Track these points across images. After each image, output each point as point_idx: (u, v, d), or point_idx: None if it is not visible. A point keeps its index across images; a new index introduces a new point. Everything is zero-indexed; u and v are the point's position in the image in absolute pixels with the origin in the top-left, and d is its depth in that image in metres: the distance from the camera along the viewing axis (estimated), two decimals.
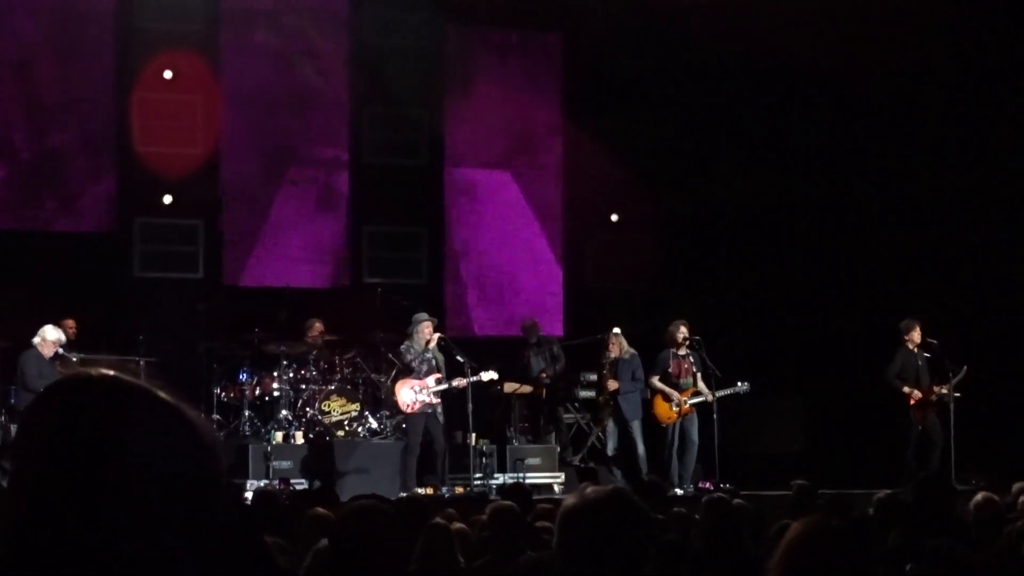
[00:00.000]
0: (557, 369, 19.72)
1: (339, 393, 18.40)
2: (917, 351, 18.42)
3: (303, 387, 18.38)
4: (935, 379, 18.30)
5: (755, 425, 20.00)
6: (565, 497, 4.62)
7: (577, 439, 20.42)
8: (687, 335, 18.35)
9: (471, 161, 22.56)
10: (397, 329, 18.79)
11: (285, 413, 18.18)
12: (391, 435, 18.43)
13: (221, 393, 18.41)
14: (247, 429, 18.15)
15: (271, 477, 17.05)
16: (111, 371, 1.81)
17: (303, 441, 17.97)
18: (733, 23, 20.69)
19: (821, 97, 21.06)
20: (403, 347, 17.81)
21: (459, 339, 18.22)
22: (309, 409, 18.24)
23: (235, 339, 18.68)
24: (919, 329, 18.39)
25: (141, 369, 16.45)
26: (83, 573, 1.69)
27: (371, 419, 18.43)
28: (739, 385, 18.42)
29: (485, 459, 18.42)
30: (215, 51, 21.04)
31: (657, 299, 20.83)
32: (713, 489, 16.71)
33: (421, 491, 16.89)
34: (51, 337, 16.88)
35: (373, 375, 18.88)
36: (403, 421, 18.20)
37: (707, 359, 18.32)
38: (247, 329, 18.62)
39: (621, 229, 22.71)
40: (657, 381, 18.38)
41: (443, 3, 21.91)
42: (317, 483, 16.87)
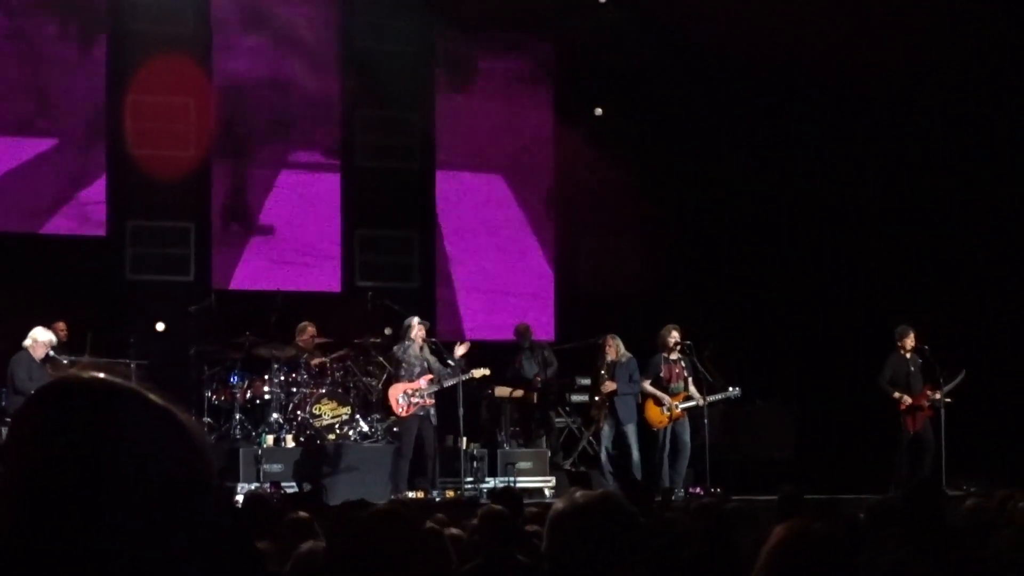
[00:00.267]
0: (549, 374, 19.72)
1: (330, 396, 18.38)
2: (910, 357, 18.42)
3: (294, 390, 18.37)
4: (928, 384, 18.31)
5: (746, 430, 20.00)
6: (554, 501, 4.61)
7: (568, 443, 20.42)
8: (679, 340, 18.34)
9: (463, 165, 22.56)
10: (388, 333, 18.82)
11: (276, 416, 18.16)
12: (382, 439, 18.43)
13: (212, 396, 18.39)
14: (238, 432, 18.13)
15: (262, 480, 17.04)
16: (101, 374, 1.81)
17: (294, 444, 17.96)
18: (726, 28, 20.71)
19: (814, 102, 21.07)
20: (396, 348, 17.82)
21: (450, 343, 18.20)
22: (300, 412, 18.22)
23: (226, 342, 18.66)
24: (912, 335, 18.40)
25: (132, 372, 16.46)
26: None
27: (362, 422, 18.42)
28: (730, 390, 18.42)
29: (476, 463, 18.42)
30: (207, 54, 21.03)
31: (649, 304, 20.82)
32: (703, 495, 16.70)
33: (412, 494, 16.90)
34: (42, 339, 16.85)
35: (364, 379, 18.88)
36: (395, 424, 18.20)
37: (698, 364, 18.33)
38: (238, 332, 18.60)
39: (613, 233, 22.71)
40: (648, 385, 18.38)
41: (435, 7, 21.92)
42: (307, 486, 16.89)
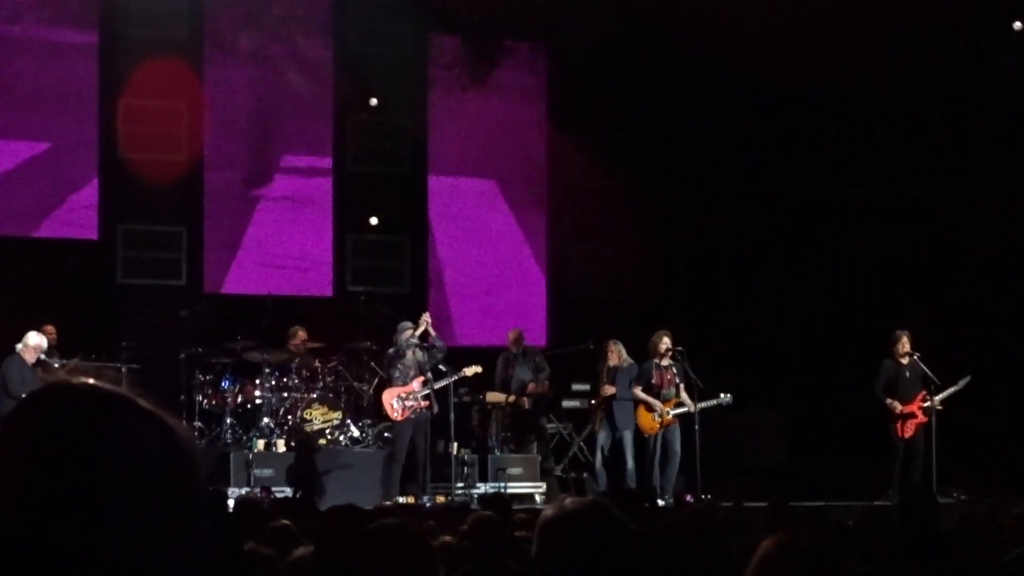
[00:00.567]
0: (541, 380, 19.72)
1: (321, 401, 18.38)
2: (906, 363, 18.42)
3: (285, 395, 18.36)
4: (922, 391, 18.29)
5: (737, 437, 20.00)
6: (544, 507, 4.62)
7: (559, 449, 20.42)
8: (670, 346, 18.35)
9: (455, 170, 22.57)
10: (380, 338, 18.81)
11: (267, 421, 18.15)
12: (373, 444, 18.44)
13: (203, 400, 18.37)
14: (229, 437, 18.12)
15: (252, 485, 17.03)
16: (91, 379, 1.81)
17: (285, 449, 17.95)
18: (718, 34, 20.71)
19: (806, 108, 21.09)
20: (389, 352, 17.85)
21: (431, 346, 18.22)
22: (291, 417, 18.22)
23: (217, 346, 18.65)
24: (906, 341, 18.39)
25: (123, 376, 16.46)
26: None
27: (353, 428, 18.42)
28: (722, 397, 18.42)
29: (467, 468, 18.43)
30: (200, 58, 21.03)
31: (641, 309, 20.83)
32: (694, 502, 16.71)
33: (402, 500, 16.91)
34: (33, 343, 16.85)
35: (355, 383, 18.87)
36: (387, 429, 18.22)
37: (690, 370, 18.32)
38: (229, 336, 18.58)
39: (605, 240, 22.71)
40: (640, 391, 18.39)
41: (427, 12, 21.92)
42: (299, 491, 16.89)
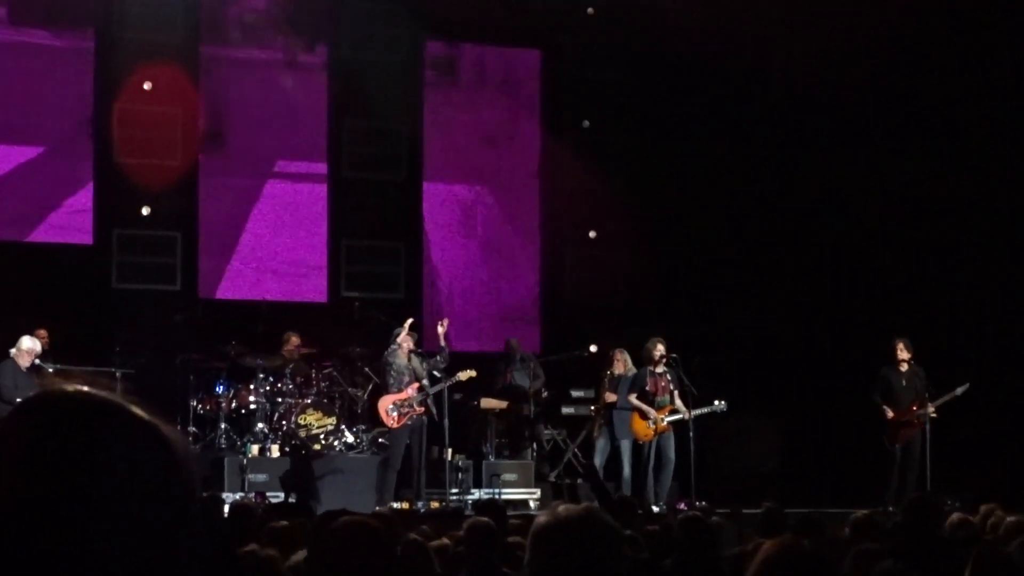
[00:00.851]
0: (538, 386, 19.74)
1: (315, 407, 18.38)
2: (905, 370, 18.42)
3: (279, 400, 18.36)
4: (918, 399, 18.29)
5: (731, 444, 19.99)
6: (538, 514, 4.62)
7: (553, 455, 20.41)
8: (664, 353, 18.34)
9: (450, 175, 22.57)
10: (374, 343, 18.81)
11: (261, 426, 18.16)
12: (367, 449, 18.44)
13: (197, 405, 18.37)
14: (223, 442, 18.12)
15: (247, 490, 17.03)
16: (85, 387, 1.81)
17: (279, 454, 17.95)
18: (713, 38, 20.73)
19: (802, 113, 21.09)
20: (384, 356, 17.85)
21: (435, 354, 18.22)
22: (285, 422, 18.21)
23: (212, 351, 18.65)
24: (902, 348, 18.40)
25: (117, 381, 16.46)
26: None
27: (347, 433, 18.42)
28: (716, 404, 18.41)
29: (461, 474, 18.43)
30: (195, 63, 21.03)
31: (635, 316, 20.83)
32: (688, 509, 16.71)
33: (397, 505, 16.90)
34: (26, 347, 16.85)
35: (350, 389, 18.88)
36: (382, 435, 18.22)
37: (684, 377, 18.32)
38: (224, 341, 18.59)
39: (600, 245, 22.72)
40: (634, 398, 18.38)
41: (422, 17, 21.92)
42: (292, 497, 16.89)
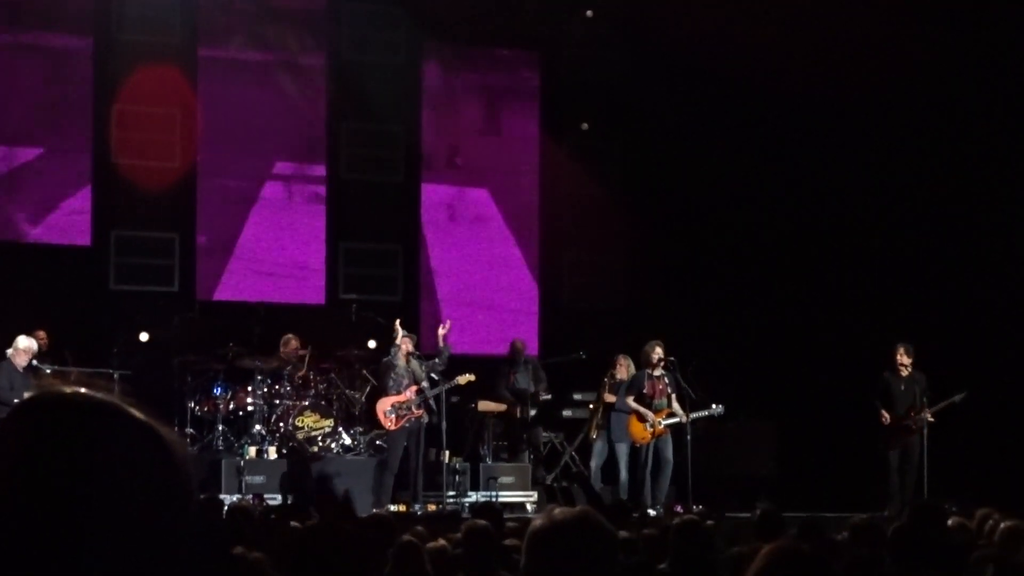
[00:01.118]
0: (540, 389, 19.75)
1: (313, 409, 18.37)
2: (906, 375, 18.42)
3: (277, 402, 18.36)
4: (917, 405, 18.29)
5: (728, 448, 19.99)
6: (534, 517, 4.63)
7: (550, 458, 20.41)
8: (662, 356, 18.34)
9: (448, 178, 22.58)
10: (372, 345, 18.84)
11: (259, 428, 18.15)
12: (364, 451, 18.44)
13: (195, 407, 18.37)
14: (220, 443, 18.12)
15: (244, 492, 17.02)
16: (83, 388, 1.81)
17: (276, 456, 17.95)
18: (711, 42, 20.75)
19: (801, 116, 21.09)
20: (384, 360, 17.87)
21: (434, 356, 18.24)
22: (283, 424, 18.21)
23: (209, 353, 18.64)
24: (902, 353, 18.41)
25: (115, 382, 16.45)
26: None
27: (345, 435, 18.42)
28: (713, 407, 18.40)
29: (458, 477, 18.43)
30: (194, 65, 21.03)
31: (633, 319, 20.84)
32: (684, 512, 16.71)
33: (394, 508, 16.91)
34: (23, 346, 16.83)
35: (347, 391, 18.87)
36: (379, 437, 18.23)
37: (682, 380, 18.32)
38: (222, 343, 18.59)
39: (598, 248, 22.72)
40: (632, 401, 18.38)
41: (421, 20, 21.93)
42: (290, 498, 16.89)
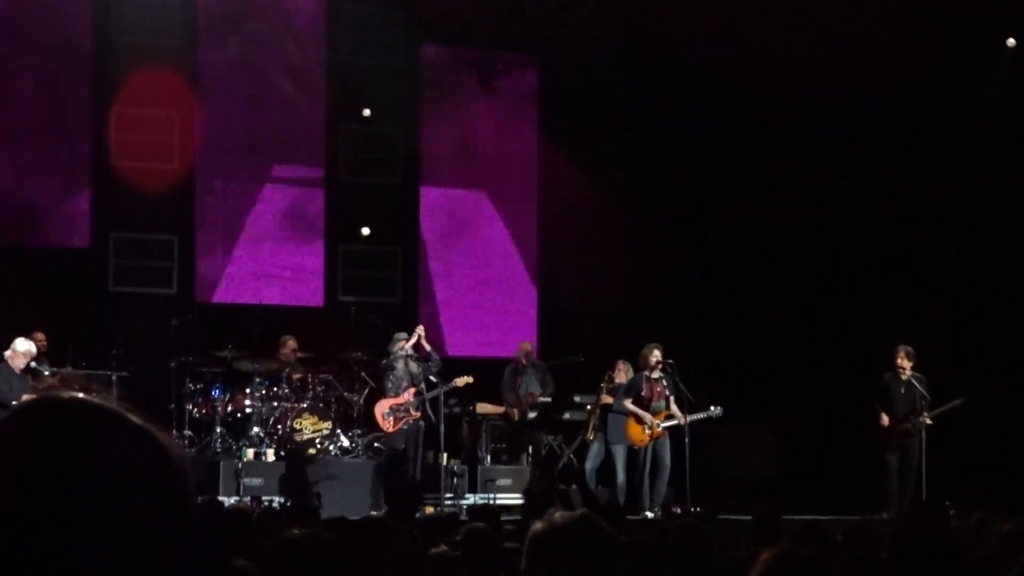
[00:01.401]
0: (549, 393, 19.76)
1: (311, 411, 18.37)
2: (906, 377, 18.43)
3: (275, 404, 18.36)
4: (916, 408, 18.28)
5: (725, 451, 20.00)
6: (533, 520, 4.62)
7: (548, 461, 20.40)
8: (660, 358, 18.35)
9: (447, 180, 22.58)
10: (370, 348, 18.82)
11: (257, 430, 18.15)
12: (363, 454, 18.44)
13: (193, 409, 18.37)
14: (218, 445, 18.11)
15: (242, 494, 17.02)
16: (81, 393, 1.81)
17: (274, 458, 17.94)
18: (710, 47, 20.76)
19: (801, 120, 21.11)
20: (383, 363, 17.88)
21: (427, 358, 18.24)
22: (281, 426, 18.21)
23: (208, 355, 18.64)
24: (904, 355, 18.41)
25: (113, 384, 16.46)
26: None
27: (343, 437, 18.42)
28: (712, 409, 18.41)
29: (456, 479, 18.43)
30: (192, 67, 21.04)
31: (631, 322, 20.85)
32: (682, 513, 16.72)
33: None
34: (21, 349, 16.82)
35: (346, 393, 18.87)
36: (377, 439, 18.23)
37: (680, 383, 18.33)
38: (220, 345, 18.59)
39: (596, 251, 22.73)
40: (630, 404, 18.39)
41: (419, 22, 21.94)
42: (288, 501, 16.89)
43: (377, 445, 18.34)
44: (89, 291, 20.11)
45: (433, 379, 17.92)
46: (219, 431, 18.22)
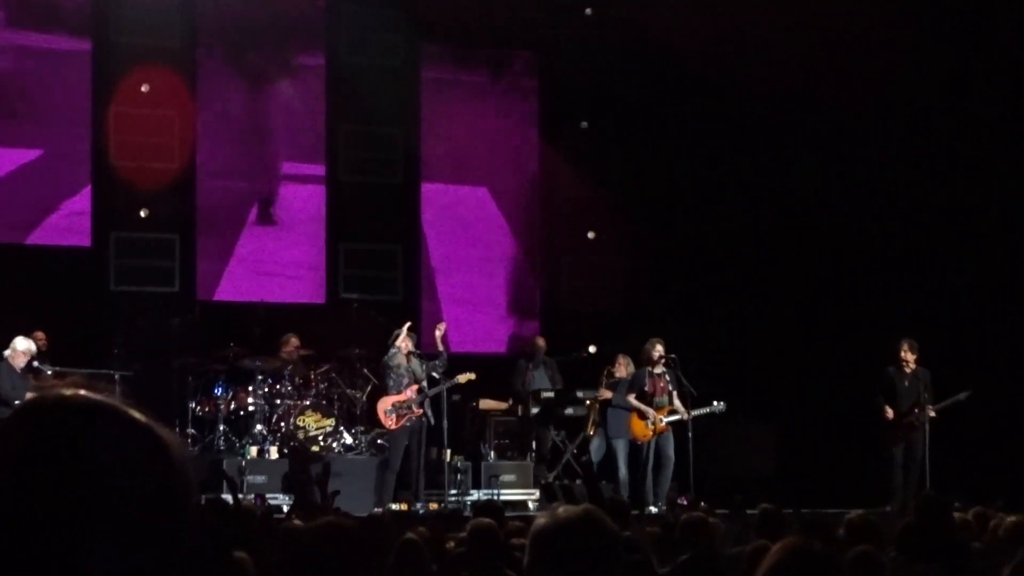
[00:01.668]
0: (557, 387, 19.76)
1: (314, 408, 18.38)
2: (910, 371, 18.42)
3: (278, 402, 18.36)
4: (918, 402, 18.28)
5: (727, 447, 19.98)
6: (536, 514, 4.62)
7: (551, 456, 20.40)
8: (663, 353, 18.34)
9: (447, 178, 22.57)
10: (372, 345, 18.82)
11: (260, 428, 18.15)
12: (366, 451, 18.44)
13: (196, 407, 18.37)
14: (222, 443, 18.11)
15: (246, 492, 17.02)
16: (82, 390, 1.81)
17: (278, 456, 17.95)
18: (709, 43, 20.75)
19: (801, 113, 21.07)
20: (384, 359, 17.87)
21: (434, 358, 18.23)
22: (284, 424, 18.21)
23: (210, 354, 18.65)
24: (906, 349, 18.40)
25: (116, 383, 16.45)
26: None
27: (346, 434, 18.42)
28: (715, 404, 18.40)
29: (460, 475, 18.43)
30: (192, 66, 21.02)
31: (633, 318, 20.83)
32: (689, 504, 16.72)
33: (395, 507, 16.91)
34: (21, 348, 16.83)
35: (348, 391, 18.87)
36: (380, 437, 18.23)
37: (683, 378, 18.32)
38: (222, 344, 18.59)
39: (598, 247, 22.72)
40: (633, 399, 18.38)
41: (418, 21, 21.92)
42: (291, 498, 16.92)
43: (380, 442, 18.34)
44: (91, 290, 20.10)
45: (436, 375, 17.91)
46: (222, 429, 18.22)
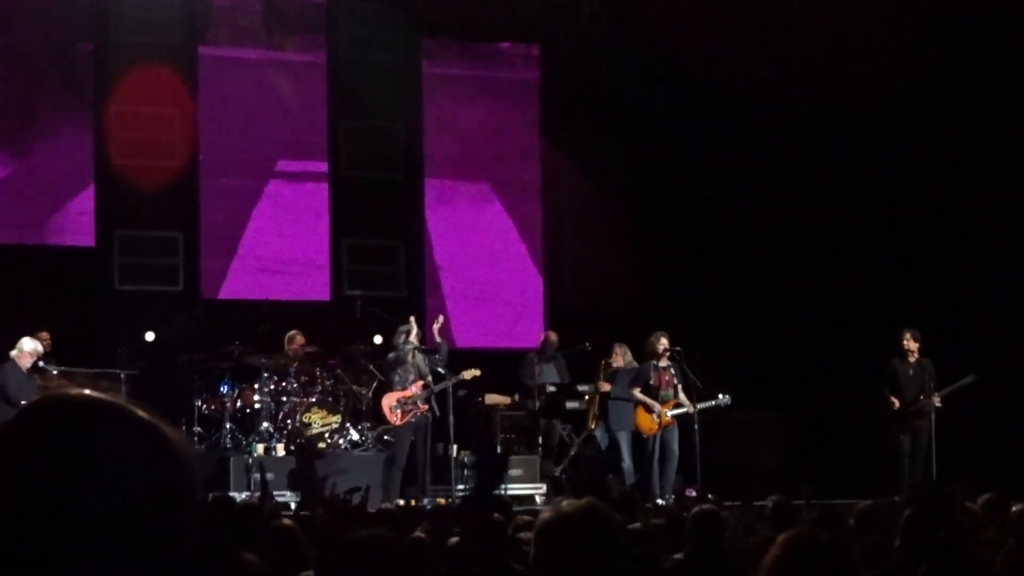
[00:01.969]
0: (564, 381, 19.76)
1: (320, 405, 18.38)
2: (914, 361, 18.42)
3: (284, 399, 18.36)
4: (923, 391, 18.28)
5: (735, 438, 19.97)
6: (543, 509, 4.62)
7: (558, 450, 20.39)
8: (668, 346, 18.33)
9: (449, 173, 22.57)
10: (377, 341, 18.85)
11: (266, 425, 18.16)
12: (372, 447, 18.44)
13: (202, 406, 18.38)
14: (228, 441, 18.12)
15: (253, 489, 17.02)
16: (87, 390, 1.81)
17: (284, 453, 17.95)
18: (712, 41, 20.73)
19: (803, 107, 21.06)
20: (389, 356, 17.88)
21: (434, 352, 18.23)
22: (290, 421, 18.22)
23: (215, 352, 18.66)
24: (909, 339, 18.39)
25: (122, 382, 16.46)
26: None
27: (352, 431, 18.43)
28: (720, 397, 18.39)
29: (466, 470, 18.43)
30: (192, 64, 21.03)
31: (638, 311, 20.82)
32: (697, 495, 16.71)
33: (402, 503, 16.91)
34: (27, 348, 16.84)
35: (354, 387, 18.87)
36: (386, 432, 18.23)
37: (688, 371, 18.31)
38: (227, 342, 18.60)
39: (602, 241, 22.70)
40: (638, 392, 18.37)
41: (420, 17, 21.91)
42: (298, 495, 16.92)
43: (387, 438, 18.34)
44: (95, 290, 20.12)
45: (441, 371, 17.90)
46: (228, 427, 18.22)
